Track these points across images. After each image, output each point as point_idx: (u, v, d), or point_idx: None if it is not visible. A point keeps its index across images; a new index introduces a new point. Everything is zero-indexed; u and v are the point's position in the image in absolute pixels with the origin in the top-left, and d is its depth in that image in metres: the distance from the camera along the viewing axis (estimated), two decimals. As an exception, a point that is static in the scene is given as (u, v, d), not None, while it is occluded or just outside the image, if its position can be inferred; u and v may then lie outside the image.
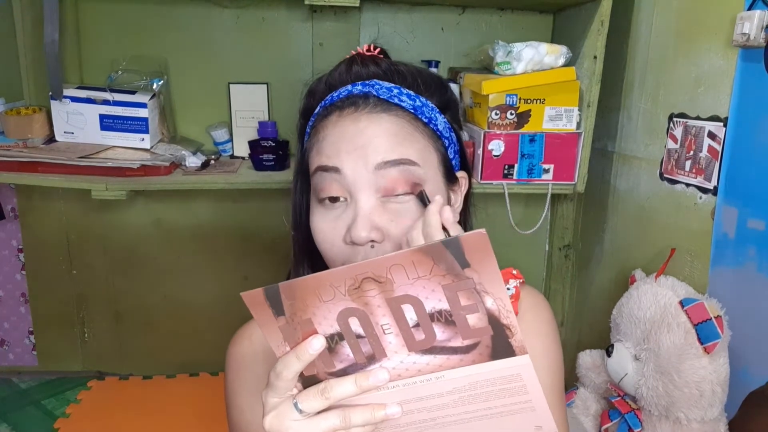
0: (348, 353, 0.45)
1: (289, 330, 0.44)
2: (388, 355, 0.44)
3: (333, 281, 0.42)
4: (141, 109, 1.57)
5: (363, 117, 0.60)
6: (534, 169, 1.53)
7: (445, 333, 0.43)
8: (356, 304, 0.43)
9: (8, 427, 1.76)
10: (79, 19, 1.72)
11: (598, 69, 1.48)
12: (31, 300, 1.95)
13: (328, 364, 0.45)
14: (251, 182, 1.57)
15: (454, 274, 0.41)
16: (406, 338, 0.44)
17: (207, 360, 1.95)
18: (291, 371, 0.45)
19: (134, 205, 1.87)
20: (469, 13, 1.81)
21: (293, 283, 0.42)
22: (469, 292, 0.41)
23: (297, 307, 0.43)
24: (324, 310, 0.43)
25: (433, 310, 0.42)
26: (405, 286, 0.41)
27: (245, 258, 1.91)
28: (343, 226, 0.60)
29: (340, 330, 0.44)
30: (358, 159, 0.59)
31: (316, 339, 0.44)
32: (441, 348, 0.44)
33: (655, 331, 1.09)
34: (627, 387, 1.17)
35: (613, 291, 1.54)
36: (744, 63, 1.11)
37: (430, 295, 0.42)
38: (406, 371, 0.45)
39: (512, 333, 0.43)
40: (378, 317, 0.43)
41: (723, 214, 1.16)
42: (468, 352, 0.44)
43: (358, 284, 0.42)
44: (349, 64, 0.66)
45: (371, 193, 0.59)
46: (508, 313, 0.42)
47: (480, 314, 0.42)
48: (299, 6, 1.64)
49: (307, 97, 0.69)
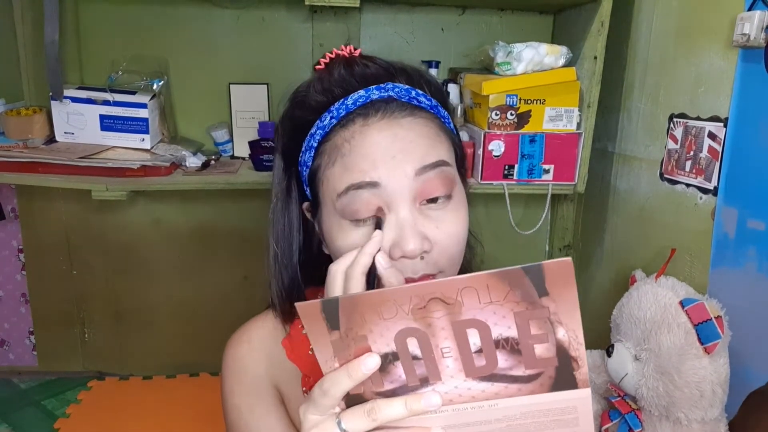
0: (400, 374, 0.43)
1: (342, 345, 0.42)
2: (443, 379, 0.42)
3: (398, 299, 0.39)
4: (141, 110, 1.57)
5: (393, 123, 0.57)
6: (534, 169, 1.53)
7: (508, 361, 0.41)
8: (418, 324, 0.40)
9: (8, 427, 1.76)
10: (79, 19, 1.72)
11: (598, 69, 1.48)
12: (31, 300, 1.95)
13: (377, 384, 0.43)
14: (251, 182, 1.57)
15: (530, 301, 0.38)
16: (466, 363, 0.42)
17: (207, 360, 1.95)
18: (339, 389, 0.42)
19: (134, 205, 1.87)
20: (469, 13, 1.81)
21: (355, 298, 0.40)
22: (542, 321, 0.39)
23: (354, 322, 0.41)
24: (382, 328, 0.41)
25: (499, 336, 0.40)
26: (474, 310, 0.39)
27: (245, 258, 1.91)
28: (384, 243, 0.55)
29: (396, 350, 0.42)
30: (396, 168, 0.55)
31: (371, 358, 0.41)
32: (501, 376, 0.42)
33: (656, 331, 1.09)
34: (627, 387, 1.17)
35: (613, 291, 1.54)
36: (744, 63, 1.11)
37: (499, 321, 0.40)
38: (459, 397, 0.43)
39: (578, 365, 0.41)
40: (439, 340, 0.41)
41: (723, 215, 1.16)
42: (529, 381, 0.42)
43: (424, 304, 0.39)
44: (348, 67, 0.61)
45: (410, 201, 0.55)
46: (579, 345, 0.40)
47: (549, 344, 0.40)
48: (299, 6, 1.64)
49: (296, 109, 0.62)
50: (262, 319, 0.70)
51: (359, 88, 0.58)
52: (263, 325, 0.70)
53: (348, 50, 0.63)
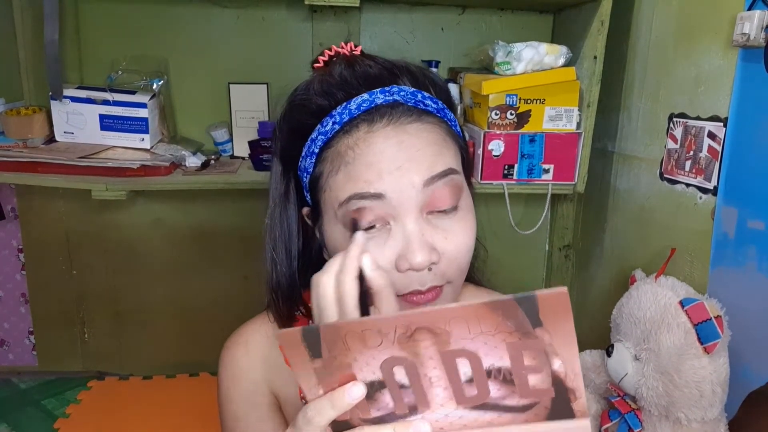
0: (388, 402, 0.41)
1: (325, 373, 0.41)
2: (432, 408, 0.41)
3: (382, 327, 0.38)
4: (141, 109, 1.56)
5: (399, 130, 0.54)
6: (534, 169, 1.53)
7: (500, 391, 0.40)
8: (405, 353, 0.39)
9: (8, 427, 1.76)
10: (79, 19, 1.72)
11: (598, 69, 1.48)
12: (31, 300, 1.95)
13: (364, 411, 0.42)
14: (251, 182, 1.57)
15: (523, 332, 0.37)
16: (456, 392, 0.40)
17: (207, 360, 1.93)
18: (323, 419, 0.41)
19: (134, 205, 1.87)
20: (469, 13, 1.81)
21: (336, 326, 0.39)
22: (536, 352, 0.37)
23: (337, 350, 0.39)
24: (367, 356, 0.39)
25: (491, 367, 0.39)
26: (464, 340, 0.38)
27: (245, 258, 1.91)
28: (390, 254, 0.53)
29: (382, 378, 0.40)
30: (402, 178, 0.52)
31: (356, 387, 0.40)
32: (493, 405, 0.40)
33: (655, 331, 1.09)
34: (627, 387, 1.17)
35: (613, 291, 1.54)
36: (744, 63, 1.11)
37: (490, 352, 0.38)
38: (450, 425, 0.41)
39: (576, 397, 0.39)
40: (427, 369, 0.39)
41: (723, 214, 1.16)
42: (523, 411, 0.40)
43: (410, 333, 0.38)
44: (349, 66, 0.58)
45: (417, 212, 0.53)
46: (575, 376, 0.38)
47: (544, 375, 0.38)
48: (299, 6, 1.64)
49: (296, 112, 0.59)
50: (259, 322, 0.69)
51: (362, 90, 0.55)
52: (260, 328, 0.69)
53: (348, 48, 0.61)
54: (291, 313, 0.66)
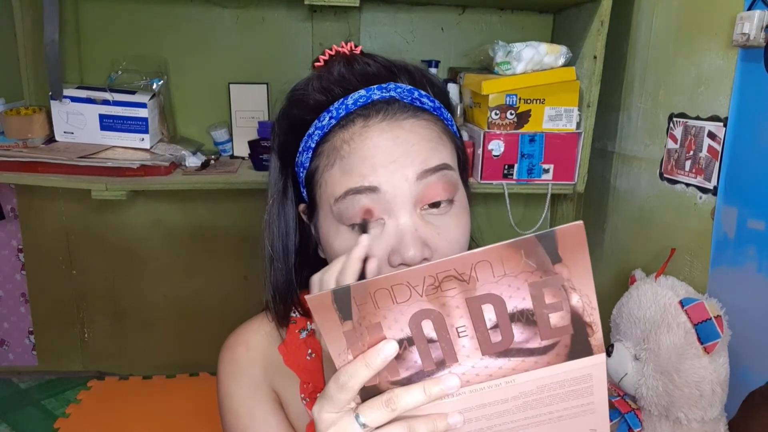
0: (416, 360, 0.42)
1: (355, 336, 0.41)
2: (459, 360, 0.42)
3: (411, 280, 0.39)
4: (141, 109, 1.56)
5: (394, 125, 0.55)
6: (534, 169, 1.53)
7: (523, 333, 0.41)
8: (432, 305, 0.40)
9: (8, 427, 1.76)
10: (79, 19, 1.72)
11: (598, 69, 1.48)
12: (31, 300, 1.95)
13: (393, 372, 0.42)
14: (251, 182, 1.57)
15: (544, 270, 0.38)
16: (482, 341, 0.41)
17: (207, 360, 1.93)
18: (358, 381, 0.41)
19: (134, 205, 1.87)
20: (469, 13, 1.81)
21: (367, 284, 0.39)
22: (556, 289, 0.39)
23: (366, 311, 0.40)
24: (396, 313, 0.40)
25: (515, 309, 0.40)
26: (489, 284, 0.39)
27: (245, 258, 1.91)
28: (384, 248, 0.53)
29: (411, 334, 0.41)
30: (396, 172, 0.53)
31: (389, 344, 0.40)
32: (517, 350, 0.41)
33: (655, 331, 1.09)
34: (627, 387, 1.17)
35: (613, 291, 1.54)
36: (744, 63, 1.11)
37: (514, 294, 0.39)
38: (476, 377, 0.42)
39: (593, 331, 0.41)
40: (454, 319, 0.40)
41: (723, 214, 1.16)
42: (545, 353, 0.41)
43: (438, 283, 0.39)
44: (348, 65, 0.58)
45: (411, 206, 0.54)
46: (593, 310, 0.40)
47: (564, 312, 0.40)
48: (299, 6, 1.64)
49: (294, 107, 0.60)
50: (258, 322, 0.69)
51: (360, 87, 0.56)
52: (259, 328, 0.69)
53: (348, 47, 0.61)
54: (288, 313, 0.66)
